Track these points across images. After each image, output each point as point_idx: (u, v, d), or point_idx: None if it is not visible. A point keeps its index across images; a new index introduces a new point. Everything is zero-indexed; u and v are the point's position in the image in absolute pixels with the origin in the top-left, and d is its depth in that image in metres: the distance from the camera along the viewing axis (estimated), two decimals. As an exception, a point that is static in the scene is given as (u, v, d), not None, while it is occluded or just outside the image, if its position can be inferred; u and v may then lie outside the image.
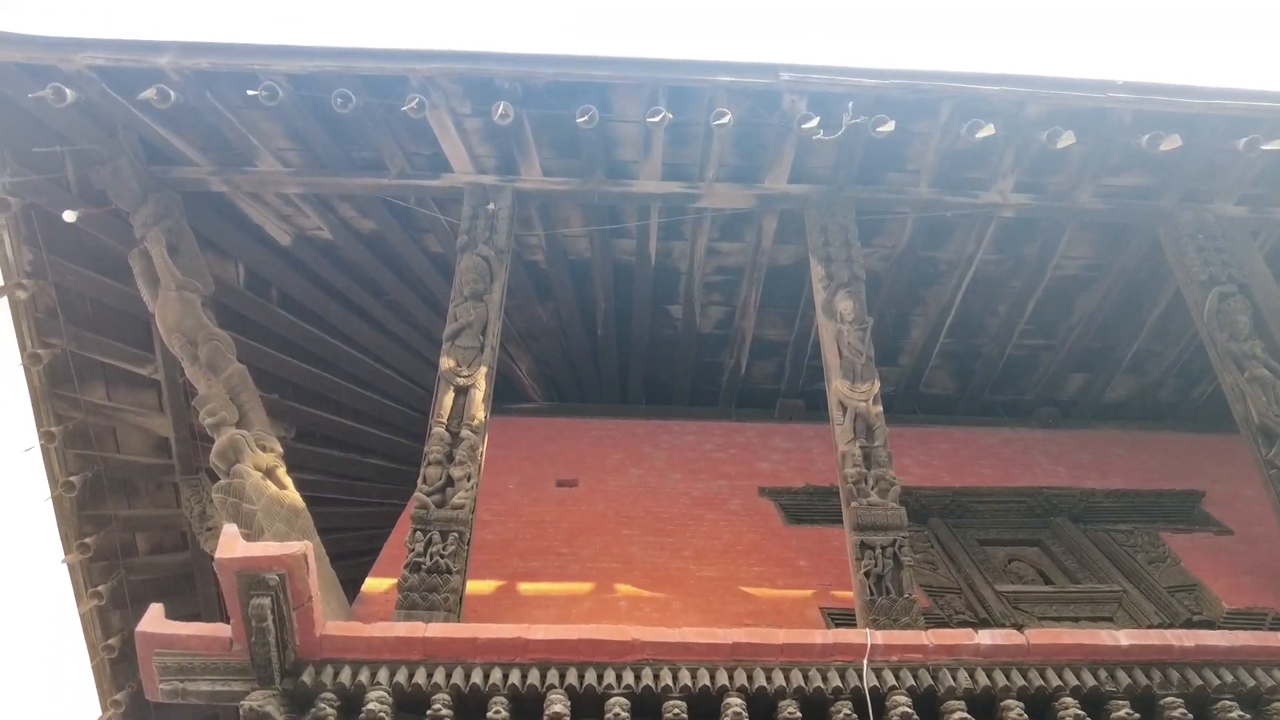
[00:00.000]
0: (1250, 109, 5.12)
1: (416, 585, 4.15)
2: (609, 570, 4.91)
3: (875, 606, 4.10)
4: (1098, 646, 3.81)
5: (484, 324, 5.01)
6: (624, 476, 6.04)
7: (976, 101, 5.18)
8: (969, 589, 4.94)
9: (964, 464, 6.27)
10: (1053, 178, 5.68)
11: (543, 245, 6.06)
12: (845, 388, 4.84)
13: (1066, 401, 7.20)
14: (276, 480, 4.58)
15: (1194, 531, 5.67)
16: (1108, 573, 5.15)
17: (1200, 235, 5.68)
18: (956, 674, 3.71)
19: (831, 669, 3.69)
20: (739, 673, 3.66)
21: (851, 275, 5.25)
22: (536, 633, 3.73)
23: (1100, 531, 5.57)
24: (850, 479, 4.50)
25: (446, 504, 4.37)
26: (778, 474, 6.09)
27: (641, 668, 3.67)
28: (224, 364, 4.87)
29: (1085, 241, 6.14)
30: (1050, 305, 6.53)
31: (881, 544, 4.28)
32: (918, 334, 6.76)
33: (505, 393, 7.13)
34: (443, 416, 4.65)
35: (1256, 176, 5.68)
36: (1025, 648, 3.79)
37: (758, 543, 5.26)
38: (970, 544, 5.37)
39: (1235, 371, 5.15)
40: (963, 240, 6.06)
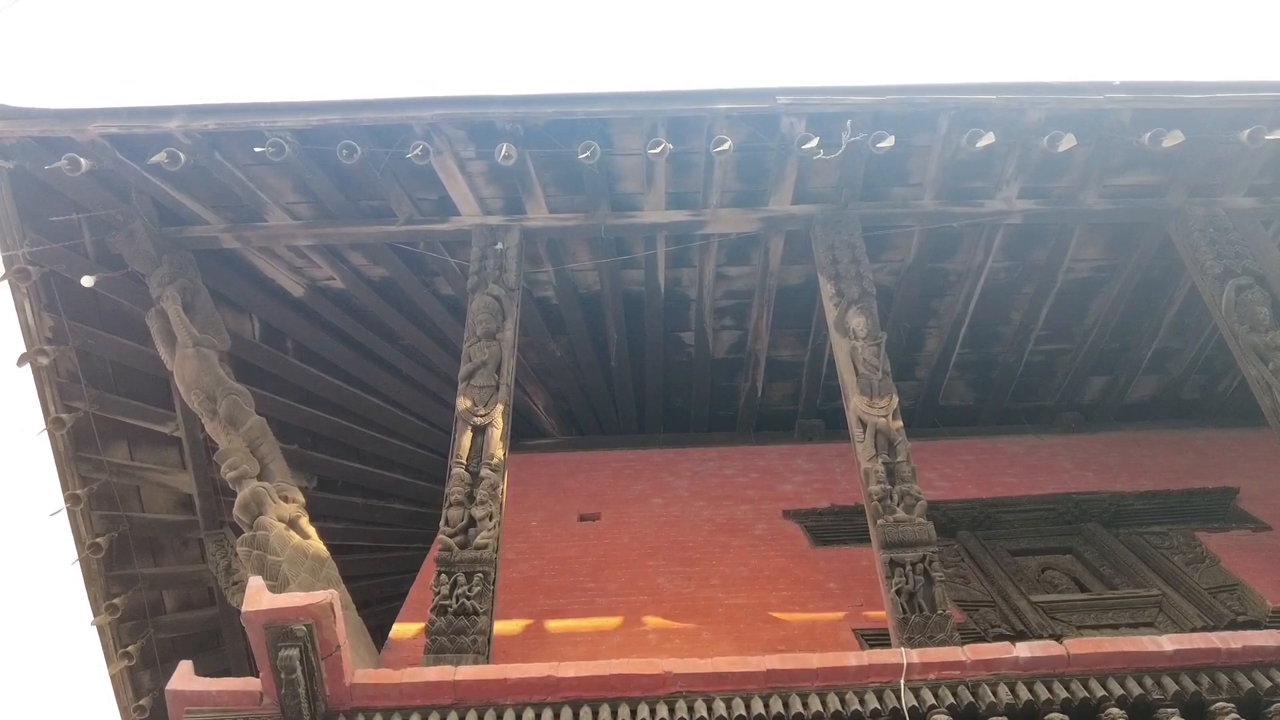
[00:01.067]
0: (1251, 100, 5.11)
1: (444, 628, 4.13)
2: (637, 603, 4.86)
3: (909, 625, 4.03)
4: (1141, 653, 3.72)
5: (498, 362, 5.03)
6: (646, 507, 6.00)
7: (974, 111, 5.21)
8: (1003, 601, 4.85)
9: (989, 474, 6.19)
10: (1057, 182, 5.67)
11: (552, 281, 6.10)
12: (863, 404, 4.80)
13: (1088, 405, 7.11)
14: (300, 530, 4.59)
15: (1230, 530, 5.56)
16: (1145, 577, 5.04)
17: (1211, 229, 5.63)
18: (996, 689, 3.63)
19: (869, 691, 3.61)
20: (774, 700, 3.60)
21: (862, 291, 5.24)
22: (567, 670, 3.69)
23: (1134, 535, 5.46)
24: (875, 496, 4.45)
25: (470, 544, 4.35)
26: (801, 496, 6.03)
27: (675, 700, 3.61)
28: (243, 417, 4.91)
29: (1095, 243, 6.11)
30: (1064, 309, 6.49)
31: (911, 560, 4.21)
32: (933, 346, 6.72)
33: (523, 429, 7.14)
34: (462, 457, 4.65)
35: (1263, 167, 5.65)
36: (1066, 659, 3.70)
37: (785, 567, 5.20)
38: (1001, 555, 5.28)
39: (1259, 364, 5.07)
40: (971, 250, 6.05)
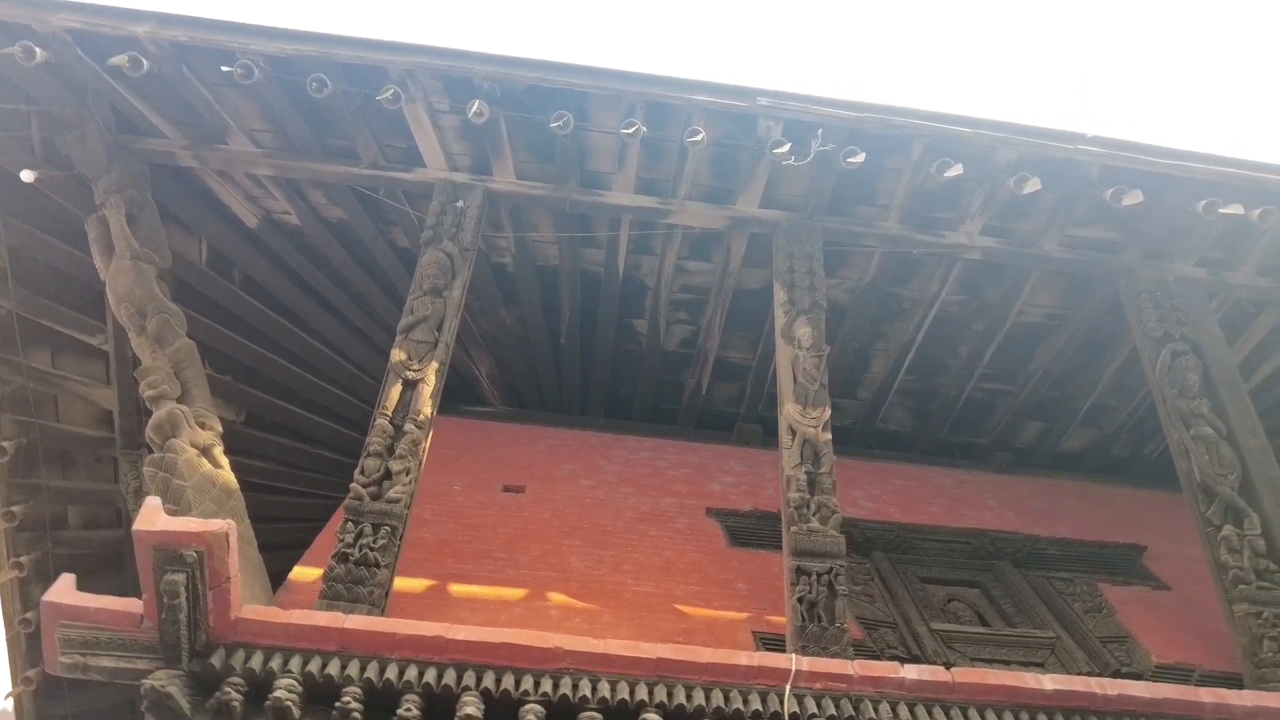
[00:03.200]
0: (1210, 173, 5.23)
1: (342, 576, 4.07)
2: (545, 578, 4.84)
3: (805, 633, 4.06)
4: (1023, 689, 3.80)
5: (440, 320, 4.97)
6: (573, 487, 5.98)
7: (949, 141, 5.25)
8: (904, 625, 4.92)
9: (914, 501, 6.27)
10: (1020, 224, 5.76)
11: (512, 249, 6.04)
12: (796, 412, 4.83)
13: (1021, 448, 7.24)
14: (212, 459, 4.49)
15: (1133, 585, 5.70)
16: (1044, 620, 5.15)
17: (1158, 293, 5.76)
18: (879, 706, 3.68)
19: (754, 692, 3.64)
20: (660, 688, 3.60)
21: (813, 303, 5.27)
22: (458, 633, 3.66)
23: (1041, 578, 5.58)
24: (793, 503, 4.48)
25: (382, 497, 4.29)
26: (727, 496, 6.06)
27: (561, 676, 3.60)
28: (172, 338, 4.79)
29: (1049, 290, 6.22)
30: (1011, 351, 6.59)
31: (818, 571, 4.25)
32: (878, 369, 6.78)
33: (464, 394, 7.08)
34: (388, 409, 4.59)
35: (1215, 240, 5.79)
36: (950, 685, 3.77)
37: (699, 562, 5.21)
38: (911, 580, 5.35)
39: (1181, 428, 5.20)
40: (928, 279, 6.11)
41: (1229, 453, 5.10)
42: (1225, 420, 5.25)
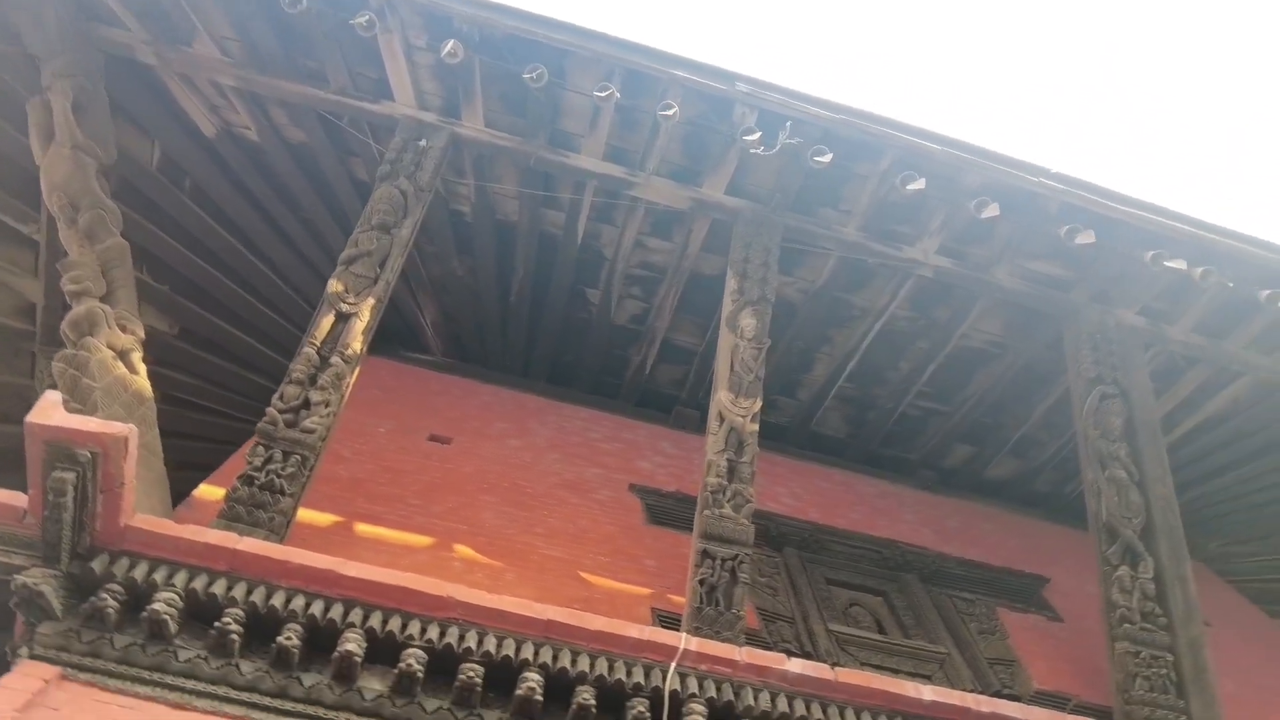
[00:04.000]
0: (1161, 225, 5.34)
1: (245, 498, 4.00)
2: (455, 530, 4.81)
3: (701, 615, 4.10)
4: (900, 696, 3.88)
5: (384, 257, 4.88)
6: (501, 445, 5.95)
7: (918, 156, 5.29)
8: (802, 621, 4.99)
9: (834, 505, 6.35)
10: (976, 248, 5.82)
11: (471, 198, 5.95)
12: (728, 400, 4.85)
13: (948, 469, 7.37)
14: (129, 364, 4.36)
15: (1030, 613, 5.85)
16: (939, 635, 5.26)
17: (1098, 335, 5.88)
18: (760, 695, 3.73)
19: (639, 665, 3.67)
20: (546, 650, 3.61)
21: (762, 295, 5.28)
22: (351, 569, 3.62)
23: (944, 595, 5.70)
24: (710, 487, 4.51)
25: (297, 425, 4.22)
26: (654, 475, 6.07)
27: (449, 626, 3.59)
28: (104, 235, 4.63)
29: (995, 317, 6.31)
30: (950, 372, 6.69)
31: (723, 556, 4.29)
32: (820, 372, 6.84)
33: (405, 339, 6.98)
34: (316, 339, 4.50)
35: (1159, 292, 5.92)
36: (832, 684, 3.83)
37: (613, 535, 5.22)
38: (817, 580, 5.43)
39: (1098, 468, 5.33)
40: (880, 290, 6.16)
41: (1137, 498, 5.25)
42: (1139, 466, 5.39)
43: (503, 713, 3.50)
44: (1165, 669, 4.63)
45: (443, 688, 3.51)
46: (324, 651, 3.48)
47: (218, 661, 3.35)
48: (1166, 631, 4.75)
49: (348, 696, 3.41)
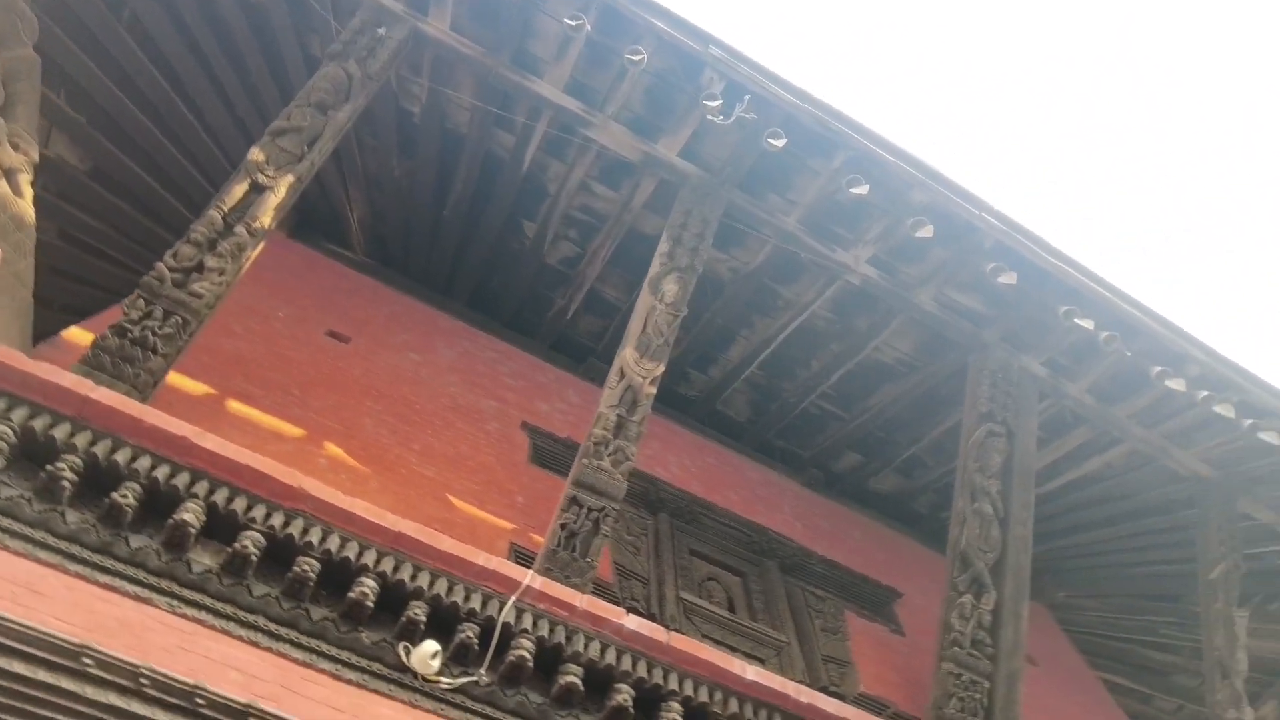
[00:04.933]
0: (1079, 282, 5.52)
1: (112, 349, 3.83)
2: (330, 429, 4.72)
3: (555, 558, 4.12)
4: (725, 671, 4.00)
5: (315, 137, 4.68)
6: (400, 356, 5.84)
7: (871, 163, 5.32)
8: (657, 584, 5.09)
9: (719, 483, 6.46)
10: (906, 267, 5.92)
11: (423, 98, 5.75)
12: (632, 358, 4.85)
13: (835, 473, 7.56)
14: (14, 185, 4.11)
15: (875, 622, 6.09)
16: (784, 624, 5.43)
17: (1000, 375, 6.06)
18: (590, 644, 3.80)
19: (479, 592, 3.69)
20: (388, 560, 3.60)
21: (690, 264, 5.28)
22: (207, 441, 3.53)
23: (799, 588, 5.88)
24: (594, 439, 4.52)
25: (185, 287, 4.04)
26: (549, 418, 6.06)
27: (295, 517, 3.54)
28: (13, 44, 4.31)
29: (909, 337, 6.45)
30: (856, 381, 6.83)
31: (591, 505, 4.31)
32: (735, 354, 6.90)
33: (329, 230, 6.76)
34: (225, 204, 4.31)
35: (1066, 347, 6.13)
36: (663, 646, 3.92)
37: (491, 466, 5.21)
38: (682, 549, 5.53)
39: (968, 499, 5.54)
40: (807, 286, 6.23)
41: (997, 534, 5.47)
42: (1006, 505, 5.62)
43: (330, 611, 3.48)
44: (980, 694, 4.88)
45: (275, 576, 3.47)
46: (160, 518, 3.39)
47: (41, 505, 3.23)
48: (990, 661, 5.00)
49: (174, 566, 3.33)
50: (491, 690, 3.57)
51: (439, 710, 3.41)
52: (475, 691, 3.53)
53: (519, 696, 3.60)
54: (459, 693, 3.48)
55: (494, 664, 3.60)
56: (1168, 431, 6.49)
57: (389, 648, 3.49)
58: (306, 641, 3.39)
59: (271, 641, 3.33)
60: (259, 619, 3.36)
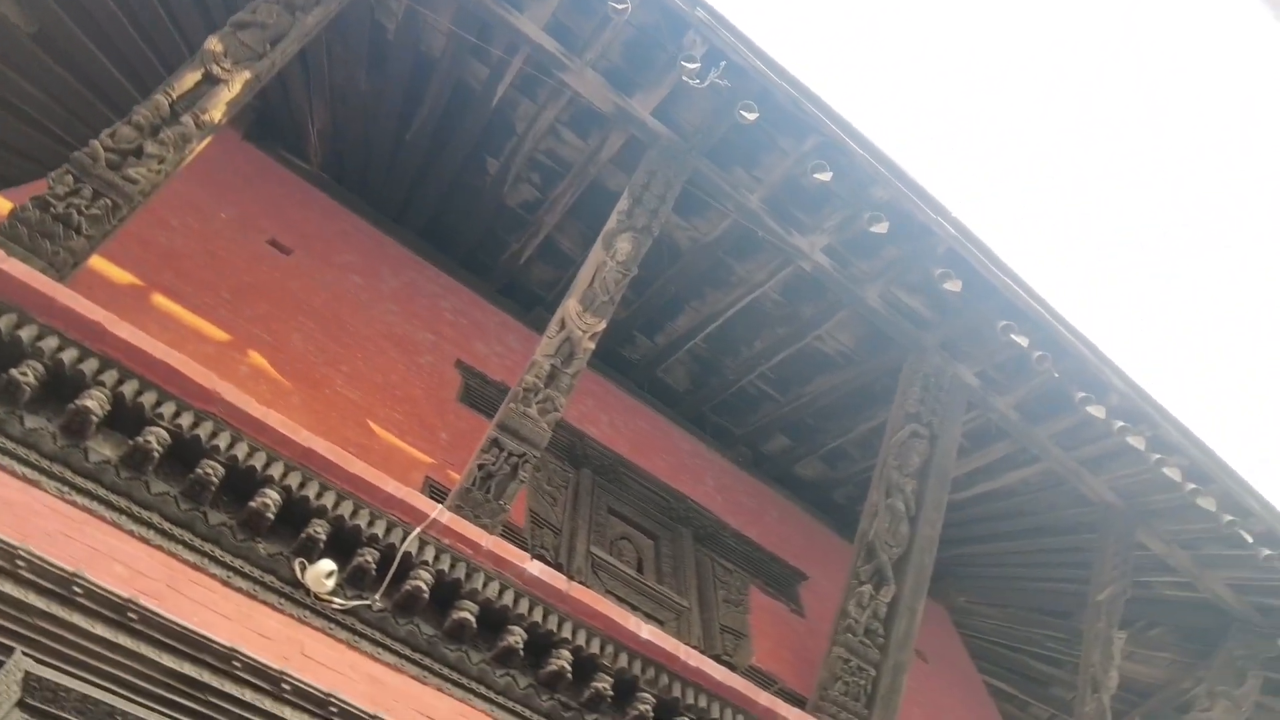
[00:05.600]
0: (1022, 299, 5.64)
1: (32, 221, 3.66)
2: (256, 339, 4.61)
3: (468, 497, 4.12)
4: (620, 626, 4.05)
5: (280, 37, 4.50)
6: (341, 276, 5.72)
7: (839, 151, 5.34)
8: (568, 537, 5.13)
9: (646, 446, 6.51)
10: (858, 261, 5.98)
11: (399, 16, 5.56)
12: (575, 310, 4.83)
13: (764, 454, 7.67)
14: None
15: (778, 600, 6.24)
16: (688, 590, 5.53)
17: (932, 380, 6.18)
18: (490, 584, 3.81)
19: (383, 519, 3.67)
20: (294, 475, 3.55)
21: (647, 225, 5.25)
22: (123, 330, 3.42)
23: (709, 558, 5.98)
24: (525, 385, 4.50)
25: (120, 169, 3.88)
26: (486, 360, 6.02)
27: (205, 419, 3.46)
28: (-35, -118, 4.03)
29: (851, 330, 6.54)
30: (796, 366, 6.91)
31: (512, 450, 4.30)
32: (682, 324, 6.91)
33: (287, 140, 6.55)
34: (173, 91, 4.12)
35: (1000, 361, 6.27)
36: (562, 595, 3.96)
37: (418, 398, 5.16)
38: (600, 506, 5.57)
39: (882, 494, 5.67)
40: (761, 265, 6.25)
41: (905, 531, 5.62)
42: (918, 505, 5.77)
43: (229, 517, 3.43)
44: (866, 681, 5.04)
45: (176, 476, 3.40)
46: (61, 401, 3.29)
47: (-68, 372, 3.10)
48: (880, 651, 5.16)
49: (69, 452, 3.24)
50: (384, 616, 3.57)
51: (327, 629, 3.40)
52: (367, 615, 3.53)
53: (410, 626, 3.61)
54: (350, 614, 3.47)
55: (389, 591, 3.59)
56: (1083, 456, 6.72)
57: (284, 561, 3.46)
58: (200, 545, 3.34)
59: (163, 540, 3.27)
60: (153, 516, 3.30)
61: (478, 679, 3.67)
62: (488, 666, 3.72)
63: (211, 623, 3.11)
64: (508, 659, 3.75)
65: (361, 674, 3.36)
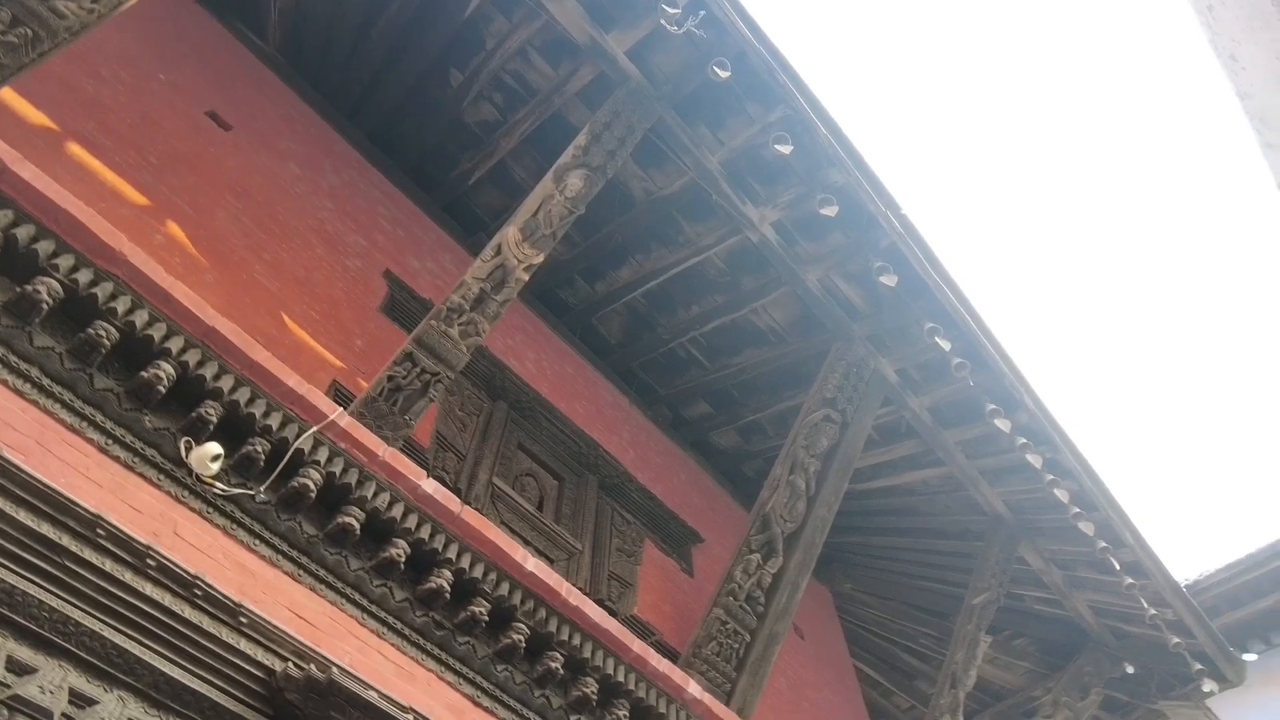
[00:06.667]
0: (951, 305, 5.77)
1: (-62, 38, 3.40)
2: (179, 212, 4.40)
3: (372, 406, 4.04)
4: (507, 555, 4.06)
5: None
6: (279, 163, 5.49)
7: (803, 127, 5.33)
8: (472, 464, 5.10)
9: (568, 391, 6.50)
10: (804, 241, 6.02)
11: (381, -97, 5.31)
12: (514, 239, 4.74)
13: (683, 417, 7.75)
14: None
15: (670, 558, 6.35)
16: (584, 534, 5.59)
17: (853, 371, 6.30)
18: (380, 494, 3.76)
19: (280, 412, 3.57)
20: (194, 352, 3.43)
21: (602, 166, 5.17)
22: (25, 170, 3.22)
23: (610, 507, 6.04)
24: (449, 303, 4.42)
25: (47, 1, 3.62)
26: (416, 276, 5.88)
27: (105, 279, 3.30)
28: None
29: (786, 309, 6.61)
30: (726, 336, 6.97)
31: (425, 368, 4.23)
32: (625, 275, 6.88)
33: (246, 14, 6.21)
34: (123, -71, 3.86)
35: (921, 363, 6.43)
36: (453, 516, 3.94)
37: (339, 301, 5.02)
38: (510, 440, 5.56)
39: (786, 470, 5.80)
40: (711, 229, 6.25)
41: (802, 509, 5.77)
42: (819, 486, 5.91)
43: (117, 384, 3.30)
44: (739, 645, 5.19)
45: (64, 333, 3.25)
46: (-54, 232, 3.09)
47: None
48: (757, 619, 5.31)
49: (-52, 287, 3.05)
50: (265, 509, 3.50)
51: (204, 513, 3.32)
52: (248, 505, 3.45)
53: (292, 523, 3.55)
54: (230, 502, 3.39)
55: (275, 486, 3.52)
56: (983, 466, 6.98)
57: (170, 438, 3.35)
58: (80, 407, 3.20)
59: (40, 395, 3.12)
60: (33, 370, 3.14)
61: (353, 585, 3.64)
62: (365, 575, 3.69)
63: (80, 487, 3.00)
64: (387, 570, 3.73)
65: (233, 562, 3.29)
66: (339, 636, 3.43)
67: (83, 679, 2.81)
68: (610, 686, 4.23)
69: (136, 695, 2.90)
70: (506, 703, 3.89)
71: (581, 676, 4.15)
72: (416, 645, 3.72)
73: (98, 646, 2.85)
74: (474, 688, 3.82)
